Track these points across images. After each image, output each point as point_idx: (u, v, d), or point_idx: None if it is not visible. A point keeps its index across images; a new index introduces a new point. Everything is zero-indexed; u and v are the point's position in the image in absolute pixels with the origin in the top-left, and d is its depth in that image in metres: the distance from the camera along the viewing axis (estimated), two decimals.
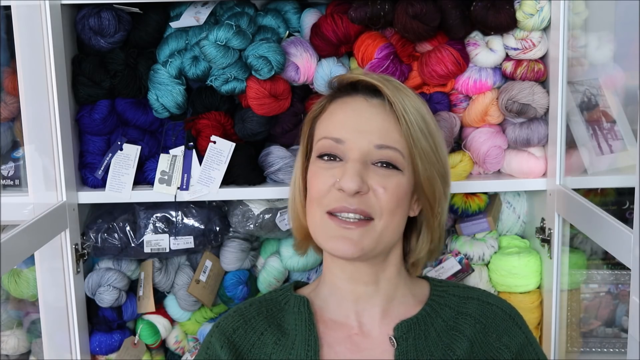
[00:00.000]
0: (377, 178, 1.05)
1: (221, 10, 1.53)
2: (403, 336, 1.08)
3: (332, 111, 1.11)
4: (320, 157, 1.09)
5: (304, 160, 1.15)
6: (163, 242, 1.55)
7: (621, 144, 1.53)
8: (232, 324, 1.13)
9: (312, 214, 1.09)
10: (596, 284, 1.61)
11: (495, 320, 1.12)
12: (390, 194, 1.05)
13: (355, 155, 1.05)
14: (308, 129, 1.15)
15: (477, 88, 1.52)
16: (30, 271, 1.57)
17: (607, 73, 1.55)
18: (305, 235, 1.17)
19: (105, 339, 1.57)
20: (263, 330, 1.11)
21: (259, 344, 1.10)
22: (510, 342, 1.11)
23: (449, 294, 1.15)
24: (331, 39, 1.49)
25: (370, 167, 1.05)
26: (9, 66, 1.50)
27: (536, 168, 1.52)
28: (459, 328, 1.11)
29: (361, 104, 1.09)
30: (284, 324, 1.12)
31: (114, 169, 1.51)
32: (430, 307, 1.13)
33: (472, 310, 1.13)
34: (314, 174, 1.09)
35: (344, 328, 1.11)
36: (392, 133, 1.06)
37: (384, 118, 1.07)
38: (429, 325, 1.10)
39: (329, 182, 1.05)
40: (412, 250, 1.15)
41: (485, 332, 1.11)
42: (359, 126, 1.06)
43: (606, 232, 1.21)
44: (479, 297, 1.16)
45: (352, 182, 1.02)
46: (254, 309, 1.15)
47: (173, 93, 1.50)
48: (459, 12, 1.47)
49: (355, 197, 1.03)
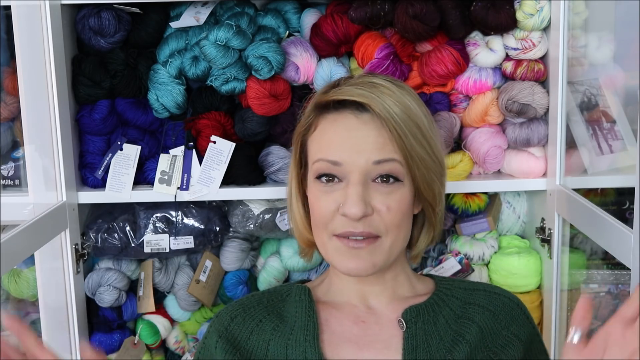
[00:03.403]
0: (379, 197, 1.03)
1: (221, 10, 1.53)
2: (412, 320, 1.08)
3: (322, 129, 1.08)
4: (318, 179, 1.07)
5: (299, 171, 1.14)
6: (163, 242, 1.55)
7: (621, 144, 1.53)
8: (231, 312, 1.13)
9: (319, 235, 1.08)
10: (596, 284, 1.61)
11: (503, 308, 1.12)
12: (395, 211, 1.04)
13: (355, 178, 1.03)
14: (299, 144, 1.13)
15: (477, 88, 1.52)
16: (30, 271, 1.57)
17: (607, 73, 1.55)
18: (309, 243, 1.17)
19: (105, 339, 1.57)
20: (262, 317, 1.11)
21: (257, 330, 1.10)
22: (519, 331, 1.11)
23: (454, 287, 1.16)
24: (331, 39, 1.49)
25: (371, 186, 1.04)
26: (9, 66, 1.49)
27: (536, 168, 1.52)
28: (468, 316, 1.11)
29: (351, 121, 1.06)
30: (284, 312, 1.12)
31: (114, 169, 1.51)
32: (437, 297, 1.13)
33: (480, 300, 1.13)
34: (316, 198, 1.07)
35: (350, 315, 1.11)
36: (388, 145, 1.04)
37: (377, 133, 1.04)
38: (437, 313, 1.10)
39: (332, 207, 1.04)
40: (414, 244, 1.15)
41: (494, 319, 1.11)
42: (355, 146, 1.04)
43: (606, 232, 1.21)
44: (485, 289, 1.16)
45: (356, 208, 1.01)
46: (254, 299, 1.15)
47: (173, 93, 1.50)
48: (459, 12, 1.47)
49: (360, 220, 1.02)
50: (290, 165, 1.16)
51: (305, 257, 1.22)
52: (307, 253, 1.21)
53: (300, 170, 1.14)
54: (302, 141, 1.12)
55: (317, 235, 1.09)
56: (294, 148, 1.14)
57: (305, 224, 1.15)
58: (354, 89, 1.07)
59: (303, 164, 1.13)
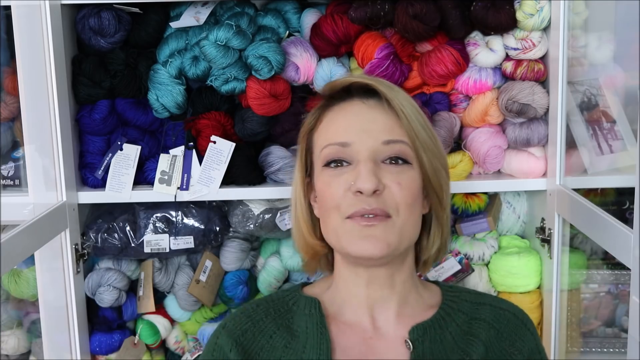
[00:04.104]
0: (390, 175, 1.03)
1: (221, 10, 1.53)
2: (419, 339, 1.07)
3: (330, 119, 1.09)
4: (327, 166, 1.06)
5: (304, 177, 1.13)
6: (163, 242, 1.55)
7: (621, 144, 1.53)
8: (240, 326, 1.10)
9: (331, 222, 1.06)
10: (596, 284, 1.61)
11: (508, 325, 1.12)
12: (406, 189, 1.03)
13: (364, 155, 1.03)
14: (305, 143, 1.12)
15: (477, 88, 1.52)
16: (30, 271, 1.57)
17: (607, 73, 1.55)
18: (313, 254, 1.15)
19: (105, 339, 1.57)
20: (272, 333, 1.09)
21: (267, 347, 1.08)
22: (522, 347, 1.10)
23: (461, 299, 1.14)
24: (331, 39, 1.49)
25: (381, 166, 1.04)
26: (9, 66, 1.49)
27: (536, 168, 1.52)
28: (473, 332, 1.10)
29: (359, 106, 1.07)
30: (293, 326, 1.10)
31: (114, 169, 1.51)
32: (444, 311, 1.11)
33: (486, 316, 1.12)
34: (325, 184, 1.06)
35: (358, 331, 1.09)
36: (397, 128, 1.05)
37: (385, 117, 1.06)
38: (444, 329, 1.09)
39: (343, 188, 1.03)
40: (424, 248, 1.14)
41: (499, 337, 1.10)
42: (363, 126, 1.05)
43: (606, 232, 1.20)
44: (491, 303, 1.15)
45: (369, 182, 1.01)
46: (261, 310, 1.12)
47: (173, 93, 1.50)
48: (459, 12, 1.47)
49: (372, 196, 1.01)
50: (296, 170, 1.14)
51: (310, 270, 1.19)
52: (311, 266, 1.18)
53: (306, 175, 1.13)
54: (307, 140, 1.12)
55: (328, 221, 1.07)
56: (300, 151, 1.13)
57: (310, 229, 1.13)
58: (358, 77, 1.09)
59: (309, 167, 1.12)
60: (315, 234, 1.13)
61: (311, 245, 1.13)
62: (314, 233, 1.13)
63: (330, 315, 1.11)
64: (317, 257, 1.15)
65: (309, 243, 1.14)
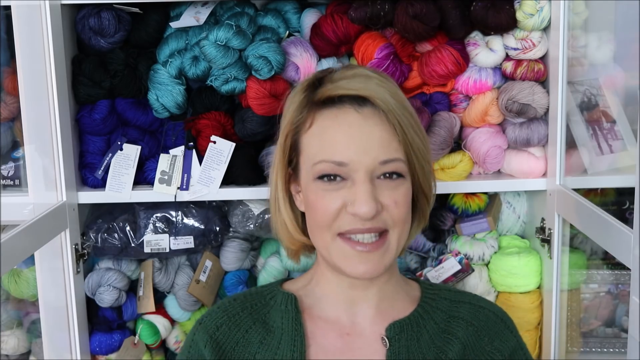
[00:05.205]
0: (387, 193, 1.02)
1: (221, 10, 1.53)
2: (395, 337, 1.08)
3: (322, 127, 1.05)
4: (320, 179, 1.04)
5: (286, 172, 1.10)
6: (163, 242, 1.55)
7: (621, 144, 1.53)
8: (216, 320, 1.11)
9: (320, 236, 1.05)
10: (596, 284, 1.61)
11: (487, 323, 1.12)
12: (402, 205, 1.03)
13: (361, 176, 1.01)
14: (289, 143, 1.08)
15: (477, 88, 1.52)
16: (30, 271, 1.57)
17: (607, 73, 1.55)
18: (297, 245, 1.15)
19: (105, 339, 1.57)
20: (248, 327, 1.09)
21: (243, 342, 1.08)
22: (502, 346, 1.11)
23: (440, 297, 1.15)
24: (331, 39, 1.49)
25: (376, 182, 1.02)
26: (9, 66, 1.49)
27: (536, 168, 1.52)
28: (451, 331, 1.10)
29: (353, 116, 1.03)
30: (269, 321, 1.10)
31: (114, 169, 1.51)
32: (422, 309, 1.12)
33: (464, 314, 1.12)
34: (319, 197, 1.03)
35: (335, 327, 1.10)
36: (392, 142, 1.03)
37: (381, 129, 1.03)
38: (422, 327, 1.09)
39: (337, 205, 1.02)
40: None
41: (477, 335, 1.10)
42: (361, 145, 1.02)
43: (606, 232, 1.21)
44: (470, 301, 1.15)
45: (368, 207, 0.99)
46: (238, 304, 1.13)
47: (173, 93, 1.50)
48: (459, 12, 1.47)
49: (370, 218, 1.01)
50: (275, 165, 1.11)
51: (293, 259, 1.19)
52: (294, 255, 1.18)
53: (288, 169, 1.11)
54: (293, 139, 1.08)
55: (317, 236, 1.06)
56: (282, 147, 1.10)
57: (296, 226, 1.12)
58: (350, 82, 1.05)
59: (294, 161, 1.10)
60: (301, 229, 1.12)
61: (298, 239, 1.13)
62: (300, 229, 1.12)
63: (307, 310, 1.11)
64: (300, 248, 1.16)
65: (295, 237, 1.13)
